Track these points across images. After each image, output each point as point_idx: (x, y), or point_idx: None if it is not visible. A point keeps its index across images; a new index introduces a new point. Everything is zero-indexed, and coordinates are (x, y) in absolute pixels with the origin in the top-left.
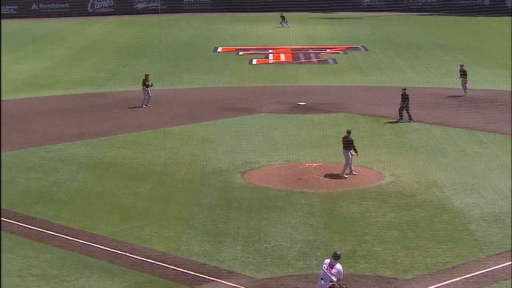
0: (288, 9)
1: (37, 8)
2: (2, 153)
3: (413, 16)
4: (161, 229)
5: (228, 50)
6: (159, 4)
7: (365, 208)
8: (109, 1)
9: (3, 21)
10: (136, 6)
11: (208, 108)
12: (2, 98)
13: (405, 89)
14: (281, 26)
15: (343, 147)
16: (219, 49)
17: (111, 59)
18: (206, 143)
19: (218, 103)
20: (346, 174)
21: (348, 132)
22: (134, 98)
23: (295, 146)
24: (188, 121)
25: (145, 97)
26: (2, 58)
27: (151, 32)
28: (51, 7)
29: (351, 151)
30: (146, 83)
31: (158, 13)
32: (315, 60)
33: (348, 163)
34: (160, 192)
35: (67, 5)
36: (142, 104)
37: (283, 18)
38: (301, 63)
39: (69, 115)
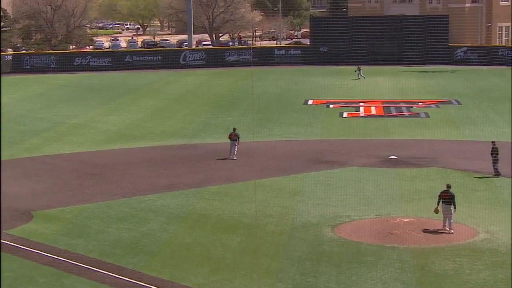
0: (380, 62)
1: (130, 60)
2: (94, 204)
3: (507, 70)
4: (251, 282)
5: (318, 103)
6: (250, 57)
7: (459, 265)
8: (200, 53)
9: (98, 73)
10: (227, 58)
11: (298, 161)
12: (96, 148)
13: (494, 142)
14: (357, 78)
15: (443, 201)
16: (310, 102)
17: (202, 111)
18: (296, 196)
19: (309, 155)
20: (442, 230)
21: (448, 186)
22: (224, 150)
23: (386, 200)
24: (278, 173)
25: (231, 149)
26: (95, 110)
27: (242, 84)
28: (144, 59)
29: (451, 206)
30: (233, 135)
31: (249, 65)
32: (406, 113)
33: (450, 218)
34: (249, 245)
35: (159, 57)
36: (230, 157)
37: (359, 69)
38: (393, 116)
39: (161, 166)
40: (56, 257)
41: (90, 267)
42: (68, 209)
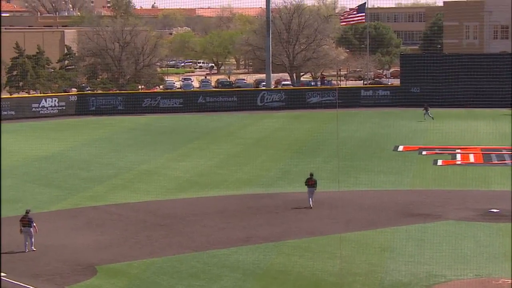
0: (478, 104)
1: (203, 101)
2: (164, 258)
3: None
4: None
5: (410, 149)
6: (334, 98)
7: None
8: (280, 94)
9: (168, 115)
10: (309, 100)
11: (388, 213)
12: (166, 197)
13: None
14: (424, 119)
15: None
16: (400, 148)
17: (281, 157)
18: (385, 252)
19: (399, 207)
20: None
21: None
22: (305, 201)
23: (487, 259)
24: (365, 226)
25: (309, 197)
26: (165, 155)
27: (325, 128)
28: (218, 100)
29: None
30: (311, 182)
31: (333, 107)
32: (509, 161)
33: None
34: None
35: (235, 98)
36: (310, 205)
37: (426, 109)
38: (493, 164)
39: (235, 217)
40: None
41: None
42: (135, 263)
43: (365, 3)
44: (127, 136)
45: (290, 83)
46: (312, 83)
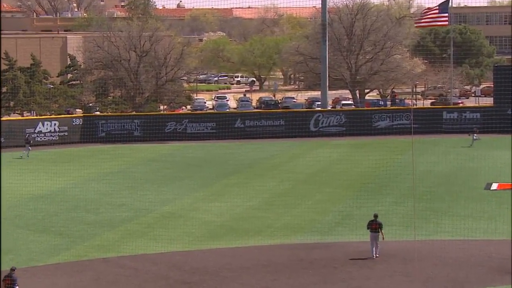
0: None
1: (241, 125)
2: None
3: None
4: None
5: (506, 188)
6: (409, 122)
7: None
8: (339, 117)
9: (198, 143)
10: (376, 124)
11: (478, 270)
12: (194, 247)
13: None
14: (470, 145)
15: None
16: (494, 186)
17: (340, 197)
18: None
19: (492, 262)
20: None
21: None
22: (370, 252)
23: None
24: (448, 286)
25: (372, 244)
26: (194, 194)
27: (397, 160)
28: (260, 125)
29: None
30: (375, 225)
31: (407, 134)
32: None
33: None
34: None
35: (282, 122)
36: (372, 255)
37: (474, 133)
38: None
39: (282, 273)
40: None
41: None
42: None
43: (448, 1)
44: (146, 169)
45: (351, 102)
46: (381, 103)
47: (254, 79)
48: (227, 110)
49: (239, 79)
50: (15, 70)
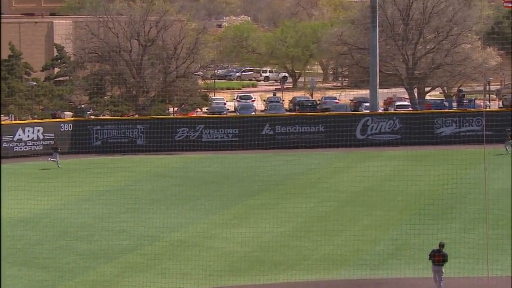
0: None
1: (271, 133)
2: None
3: None
4: None
5: None
6: (481, 128)
7: None
8: (392, 121)
9: (216, 153)
10: (439, 131)
11: None
12: (211, 284)
13: None
14: (506, 153)
15: None
16: None
17: (394, 222)
18: None
19: None
20: None
21: None
22: None
23: None
24: None
25: (436, 279)
26: (211, 217)
27: (465, 175)
28: (294, 131)
29: None
30: (438, 257)
31: (477, 143)
32: None
33: None
34: None
35: (321, 128)
36: None
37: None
38: None
39: None
40: None
41: None
42: None
43: None
44: (151, 186)
45: (408, 104)
46: (445, 104)
47: (286, 74)
48: (253, 113)
49: (267, 74)
50: None
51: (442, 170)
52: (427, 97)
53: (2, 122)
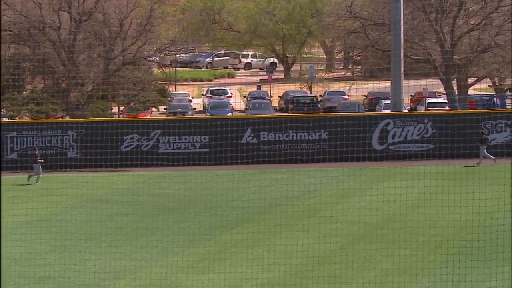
0: None
1: (254, 141)
2: None
3: None
4: None
5: None
6: None
7: None
8: (422, 125)
9: (176, 170)
10: (488, 137)
11: None
12: None
13: None
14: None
15: None
16: None
17: (425, 264)
18: None
19: None
20: None
21: None
22: None
23: None
24: None
25: None
26: (171, 258)
27: None
28: (287, 139)
29: None
30: None
31: None
32: None
33: None
34: None
35: (324, 134)
36: None
37: None
38: None
39: None
40: None
41: None
42: None
43: None
44: (87, 216)
45: (445, 101)
46: (495, 101)
47: (275, 60)
48: (229, 114)
49: (249, 60)
50: None
51: (491, 193)
52: (471, 91)
53: None
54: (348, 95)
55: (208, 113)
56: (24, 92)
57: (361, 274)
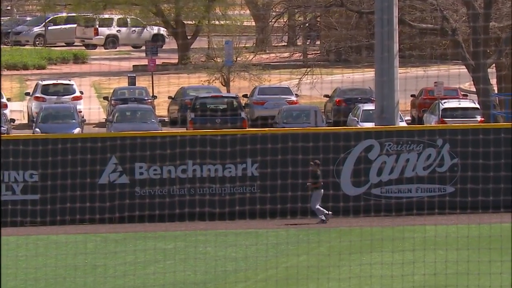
0: None
1: (123, 180)
2: None
3: None
4: None
5: None
6: None
7: None
8: (432, 149)
9: None
10: None
11: None
12: None
13: None
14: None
15: None
16: None
17: None
18: None
19: None
20: None
21: None
22: None
23: None
24: None
25: None
26: None
27: None
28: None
29: None
30: None
31: None
32: None
33: None
34: None
35: (254, 168)
36: None
37: None
38: None
39: None
40: None
41: None
42: None
43: None
44: None
45: (474, 105)
46: None
47: (161, 30)
48: (76, 130)
49: (113, 31)
50: None
51: None
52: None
53: None
54: (296, 95)
55: (37, 129)
56: None
57: None
